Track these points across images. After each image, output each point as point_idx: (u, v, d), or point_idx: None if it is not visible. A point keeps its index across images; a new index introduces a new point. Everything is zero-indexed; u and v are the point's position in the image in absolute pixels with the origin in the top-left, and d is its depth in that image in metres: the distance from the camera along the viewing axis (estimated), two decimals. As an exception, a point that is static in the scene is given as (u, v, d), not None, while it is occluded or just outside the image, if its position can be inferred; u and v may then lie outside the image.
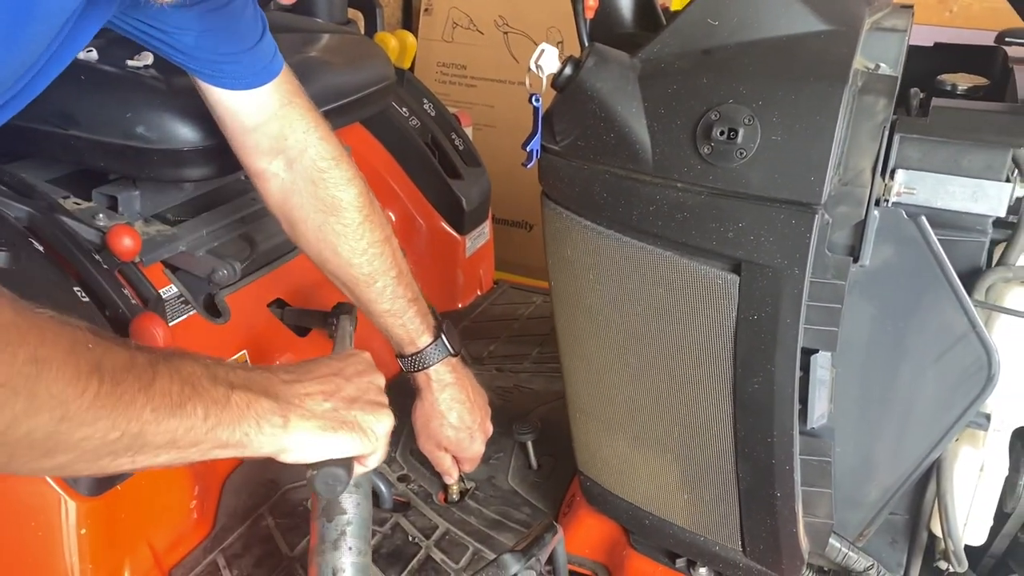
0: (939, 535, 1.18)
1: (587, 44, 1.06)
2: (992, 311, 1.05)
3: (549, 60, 1.03)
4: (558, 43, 1.01)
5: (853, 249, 1.03)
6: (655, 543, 1.33)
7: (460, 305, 2.23)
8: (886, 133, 1.00)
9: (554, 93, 1.07)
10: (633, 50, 1.02)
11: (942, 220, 1.03)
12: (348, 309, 1.47)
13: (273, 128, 1.23)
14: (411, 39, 2.43)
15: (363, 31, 2.39)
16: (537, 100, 1.08)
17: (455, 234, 2.19)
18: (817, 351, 1.03)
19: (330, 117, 1.37)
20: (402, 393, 1.44)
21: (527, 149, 1.09)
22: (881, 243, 1.04)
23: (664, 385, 1.11)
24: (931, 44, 1.39)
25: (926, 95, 1.15)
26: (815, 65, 0.92)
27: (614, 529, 1.38)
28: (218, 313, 1.54)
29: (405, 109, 2.15)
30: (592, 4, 1.12)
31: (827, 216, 0.94)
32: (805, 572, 1.22)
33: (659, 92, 0.97)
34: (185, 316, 1.47)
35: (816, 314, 1.00)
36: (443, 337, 1.39)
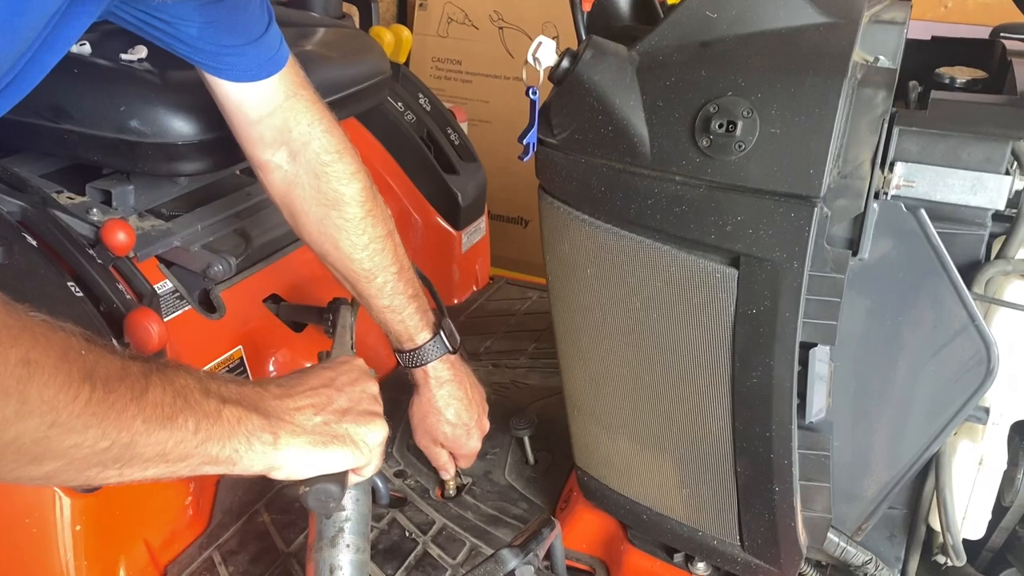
0: (937, 529, 1.18)
1: (584, 37, 1.05)
2: (991, 304, 1.06)
3: (546, 53, 1.03)
4: (554, 38, 1.00)
5: (852, 242, 1.03)
6: (653, 538, 1.33)
7: (456, 301, 2.22)
8: (885, 126, 1.00)
9: (551, 86, 1.06)
10: (630, 43, 1.01)
11: (941, 213, 1.03)
12: (345, 304, 1.46)
13: (277, 120, 1.21)
14: (406, 33, 2.42)
15: (358, 25, 2.38)
16: (534, 93, 1.07)
17: (451, 229, 2.18)
18: (816, 345, 1.02)
19: (325, 112, 1.36)
20: (399, 388, 1.44)
21: (524, 143, 1.08)
22: (880, 236, 1.04)
23: (662, 380, 1.10)
24: (928, 38, 1.39)
25: (924, 88, 1.15)
26: (814, 58, 0.91)
27: (612, 524, 1.38)
28: (213, 308, 1.53)
29: (400, 104, 2.14)
30: (589, -4, 1.12)
31: (826, 209, 0.94)
32: (803, 566, 1.22)
33: (657, 85, 0.97)
34: (180, 311, 1.46)
35: (815, 308, 0.99)
36: (442, 334, 1.38)
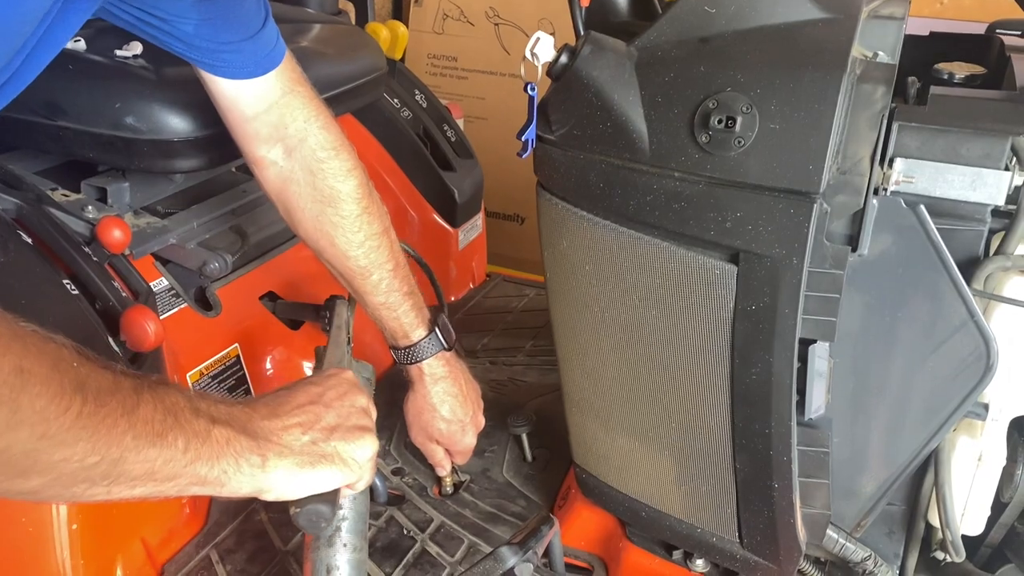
0: (936, 525, 1.18)
1: (582, 33, 1.05)
2: (990, 300, 1.05)
3: (545, 48, 1.02)
4: (551, 34, 1.00)
5: (852, 238, 1.03)
6: (652, 535, 1.33)
7: (453, 298, 2.22)
8: (885, 122, 1.00)
9: (549, 82, 1.06)
10: (629, 39, 1.01)
11: (941, 209, 1.03)
12: (341, 301, 1.45)
13: (273, 116, 1.20)
14: (402, 29, 2.41)
15: (354, 21, 2.37)
16: (532, 89, 1.06)
17: (448, 227, 2.18)
18: (815, 341, 1.02)
19: (321, 108, 1.35)
20: (394, 386, 1.43)
21: (522, 139, 1.07)
22: (880, 232, 1.03)
23: (661, 377, 1.10)
24: (925, 34, 1.39)
25: (923, 84, 1.15)
26: (813, 53, 0.91)
27: (610, 521, 1.38)
28: (210, 306, 1.52)
29: (397, 100, 2.14)
30: (587, -9, 1.11)
31: (826, 205, 0.93)
32: (802, 563, 1.22)
33: (656, 80, 0.96)
34: (176, 309, 1.46)
35: (814, 304, 0.99)
36: (437, 331, 1.38)
